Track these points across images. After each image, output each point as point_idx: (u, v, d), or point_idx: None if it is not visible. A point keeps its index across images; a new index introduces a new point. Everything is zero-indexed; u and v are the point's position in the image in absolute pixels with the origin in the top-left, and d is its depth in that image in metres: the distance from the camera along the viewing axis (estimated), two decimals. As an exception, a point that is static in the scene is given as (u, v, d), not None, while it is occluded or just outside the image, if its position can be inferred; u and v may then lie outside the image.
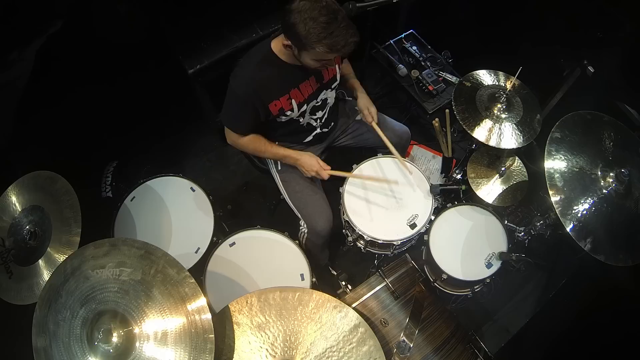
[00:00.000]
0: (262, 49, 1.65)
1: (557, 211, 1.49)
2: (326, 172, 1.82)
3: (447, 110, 2.08)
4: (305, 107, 1.77)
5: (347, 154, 2.24)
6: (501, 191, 2.03)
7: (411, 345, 1.59)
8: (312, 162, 1.82)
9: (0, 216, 1.66)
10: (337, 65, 1.79)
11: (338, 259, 2.42)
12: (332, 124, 2.01)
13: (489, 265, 1.84)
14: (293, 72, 1.66)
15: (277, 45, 1.61)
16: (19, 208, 1.66)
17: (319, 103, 1.83)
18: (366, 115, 1.94)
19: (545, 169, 1.54)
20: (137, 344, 1.23)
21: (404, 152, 2.20)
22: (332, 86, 1.84)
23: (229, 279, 1.77)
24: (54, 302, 1.27)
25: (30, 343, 1.26)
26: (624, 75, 2.15)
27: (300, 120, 1.83)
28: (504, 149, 1.91)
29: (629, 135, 1.69)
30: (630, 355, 1.79)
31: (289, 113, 1.74)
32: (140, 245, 1.31)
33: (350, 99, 2.19)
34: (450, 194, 2.10)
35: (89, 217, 1.58)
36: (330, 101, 1.89)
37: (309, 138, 1.96)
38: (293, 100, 1.71)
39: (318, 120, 1.91)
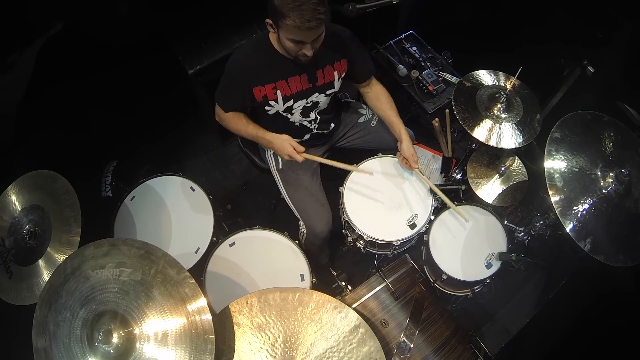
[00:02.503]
0: (261, 36, 1.71)
1: (557, 211, 1.49)
2: (300, 155, 1.75)
3: (447, 110, 2.08)
4: (291, 102, 1.77)
5: (348, 154, 2.23)
6: (501, 191, 2.03)
7: (411, 346, 1.59)
8: (284, 145, 1.76)
9: (0, 216, 1.66)
10: (336, 73, 1.78)
11: (338, 259, 2.42)
12: (333, 125, 2.01)
13: (488, 266, 1.84)
14: (284, 63, 1.67)
15: (273, 34, 1.65)
16: (18, 207, 1.66)
17: (309, 104, 1.82)
18: (411, 163, 1.88)
19: (545, 169, 1.54)
20: (138, 345, 1.23)
21: None
22: (327, 92, 1.82)
23: (229, 279, 1.77)
24: (54, 303, 1.27)
25: (30, 343, 1.26)
26: (624, 75, 2.15)
27: (289, 117, 1.82)
28: (504, 149, 1.91)
29: (629, 135, 1.69)
30: (630, 355, 1.79)
31: (272, 104, 1.75)
32: (140, 245, 1.31)
33: (353, 100, 2.19)
34: (450, 193, 2.10)
35: (89, 217, 1.58)
36: (322, 105, 1.87)
37: (305, 137, 1.96)
38: (278, 92, 1.72)
39: (312, 122, 1.90)
